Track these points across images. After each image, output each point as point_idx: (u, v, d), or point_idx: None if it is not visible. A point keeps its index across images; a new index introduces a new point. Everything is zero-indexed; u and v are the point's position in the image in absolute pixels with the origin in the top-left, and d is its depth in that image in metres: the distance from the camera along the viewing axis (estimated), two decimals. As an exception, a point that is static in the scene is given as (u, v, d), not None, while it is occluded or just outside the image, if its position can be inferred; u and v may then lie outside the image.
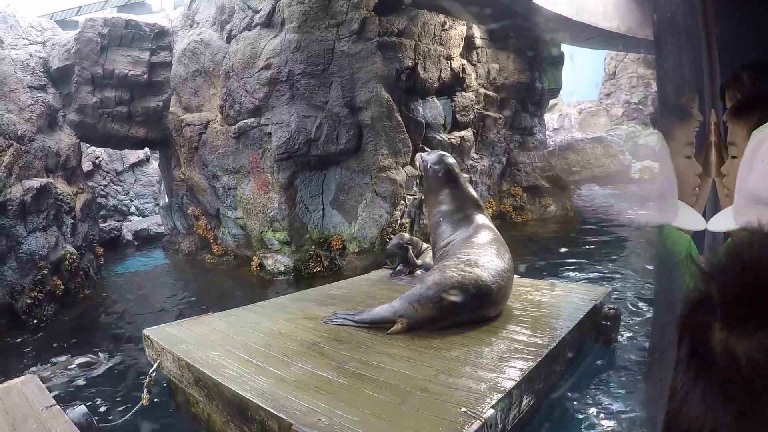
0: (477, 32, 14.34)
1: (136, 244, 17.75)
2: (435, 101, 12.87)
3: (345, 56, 10.71)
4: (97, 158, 18.79)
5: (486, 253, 4.85)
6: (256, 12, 11.18)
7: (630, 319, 6.66)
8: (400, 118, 11.30)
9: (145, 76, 12.90)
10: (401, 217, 11.23)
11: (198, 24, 12.95)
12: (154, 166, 20.30)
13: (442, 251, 5.29)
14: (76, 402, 4.91)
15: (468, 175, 12.85)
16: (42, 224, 9.90)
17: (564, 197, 15.88)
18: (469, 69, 14.00)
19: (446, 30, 12.76)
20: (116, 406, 5.48)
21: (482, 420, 2.80)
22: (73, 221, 10.94)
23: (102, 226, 15.88)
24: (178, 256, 14.64)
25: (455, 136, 13.27)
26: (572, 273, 9.54)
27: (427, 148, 11.96)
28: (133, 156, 19.98)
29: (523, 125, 16.36)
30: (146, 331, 4.73)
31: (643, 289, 7.85)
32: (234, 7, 11.72)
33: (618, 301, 6.75)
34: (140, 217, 19.68)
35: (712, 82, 2.62)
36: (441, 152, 6.32)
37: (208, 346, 4.30)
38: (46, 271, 9.64)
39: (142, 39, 12.92)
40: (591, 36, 14.69)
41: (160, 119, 13.55)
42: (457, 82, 13.49)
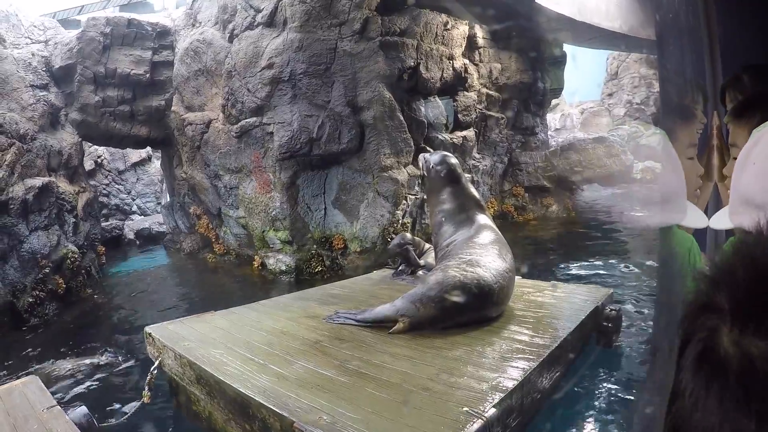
0: (479, 32, 14.34)
1: (137, 243, 17.75)
2: (437, 101, 12.87)
3: (347, 56, 10.71)
4: (99, 157, 18.82)
5: (488, 254, 4.86)
6: (259, 11, 11.18)
7: (631, 321, 6.66)
8: (402, 118, 11.30)
9: (148, 76, 12.91)
10: (403, 217, 11.23)
11: (200, 23, 12.95)
12: (156, 165, 20.32)
13: (444, 251, 5.30)
14: (77, 402, 4.92)
15: (470, 175, 12.85)
16: (44, 223, 9.92)
17: (566, 197, 15.86)
18: (471, 69, 13.99)
19: (448, 30, 12.75)
20: (117, 405, 5.48)
21: (484, 419, 2.80)
22: (75, 220, 10.96)
23: (104, 225, 15.90)
24: (180, 255, 14.65)
25: (457, 136, 13.27)
26: (574, 274, 9.53)
27: (429, 148, 11.96)
28: (135, 155, 20.00)
29: (525, 125, 16.36)
30: (148, 329, 4.74)
31: (645, 290, 7.84)
32: (236, 7, 11.72)
33: (619, 303, 6.75)
34: (142, 216, 19.70)
35: (714, 83, 2.62)
36: (444, 153, 6.33)
37: (209, 343, 4.30)
38: (48, 270, 9.67)
39: (145, 38, 12.93)
40: (593, 36, 14.67)
41: (162, 118, 13.56)
42: (459, 81, 13.49)
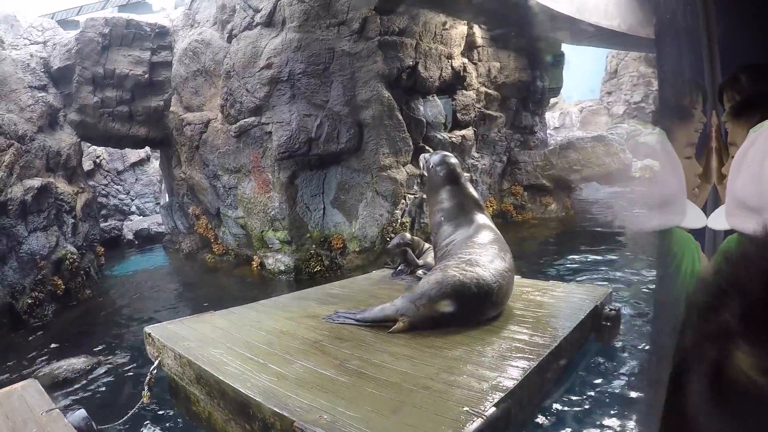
0: (478, 31, 14.33)
1: (136, 243, 17.75)
2: (436, 100, 12.88)
3: (346, 55, 10.71)
4: (97, 157, 18.81)
5: (487, 253, 4.87)
6: (257, 11, 11.18)
7: (630, 320, 6.66)
8: (400, 117, 11.30)
9: (146, 76, 12.91)
10: (402, 217, 11.24)
11: (199, 23, 12.95)
12: (155, 165, 20.31)
13: (444, 251, 5.31)
14: (76, 405, 4.92)
15: (469, 174, 12.85)
16: (43, 224, 9.91)
17: (565, 196, 15.88)
18: (470, 68, 14.00)
19: (447, 29, 12.76)
20: (117, 405, 5.49)
21: (484, 418, 2.81)
22: (73, 221, 10.95)
23: (103, 225, 15.90)
24: (179, 256, 14.65)
25: (456, 135, 13.28)
26: (573, 273, 9.54)
27: (428, 147, 11.97)
28: (133, 155, 19.98)
29: (524, 124, 16.37)
30: (147, 329, 4.74)
31: (644, 289, 7.85)
32: (235, 7, 11.72)
33: (618, 302, 6.75)
34: (141, 217, 19.69)
35: (713, 83, 2.62)
36: (444, 152, 6.35)
37: (209, 343, 4.30)
38: (47, 271, 9.66)
39: (143, 39, 12.93)
40: (592, 35, 14.68)
41: (160, 118, 13.56)
42: (458, 81, 13.50)
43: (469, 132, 13.76)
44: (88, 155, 17.51)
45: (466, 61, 13.79)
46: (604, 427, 4.30)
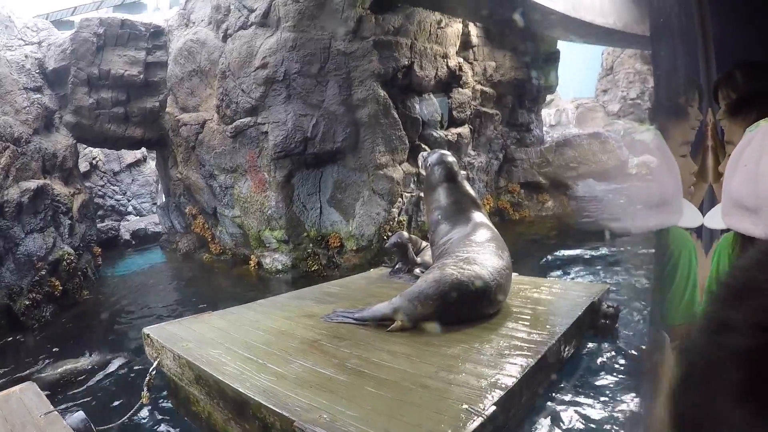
0: (473, 30, 14.33)
1: (133, 243, 17.72)
2: (431, 99, 12.87)
3: (341, 55, 10.70)
4: (94, 158, 18.74)
5: (484, 251, 4.89)
6: (252, 11, 11.17)
7: (628, 317, 6.68)
8: (396, 116, 11.31)
9: (141, 77, 12.87)
10: (399, 215, 11.24)
11: (194, 23, 12.92)
12: (151, 165, 20.26)
13: (441, 249, 5.33)
14: (75, 407, 4.92)
15: (465, 172, 12.86)
16: (39, 225, 9.88)
17: (561, 193, 15.90)
18: (466, 66, 14.00)
19: (442, 28, 12.76)
20: (116, 407, 5.49)
21: (484, 417, 2.82)
22: (70, 222, 10.92)
23: (100, 226, 15.85)
24: (176, 255, 14.63)
25: (452, 133, 13.28)
26: (570, 270, 9.56)
27: (424, 146, 11.98)
28: (130, 156, 19.92)
29: (520, 121, 16.38)
30: (146, 330, 4.74)
31: (641, 287, 7.87)
32: (229, 6, 11.70)
33: (616, 299, 6.77)
34: (138, 217, 19.63)
35: (708, 81, 2.63)
36: (442, 151, 6.38)
37: (208, 344, 4.31)
38: (44, 272, 9.63)
39: (138, 39, 12.89)
40: (587, 32, 14.70)
41: (156, 119, 13.52)
42: (454, 79, 13.49)
43: (465, 130, 13.77)
44: (85, 156, 17.44)
45: (461, 60, 13.79)
46: (602, 423, 4.32)
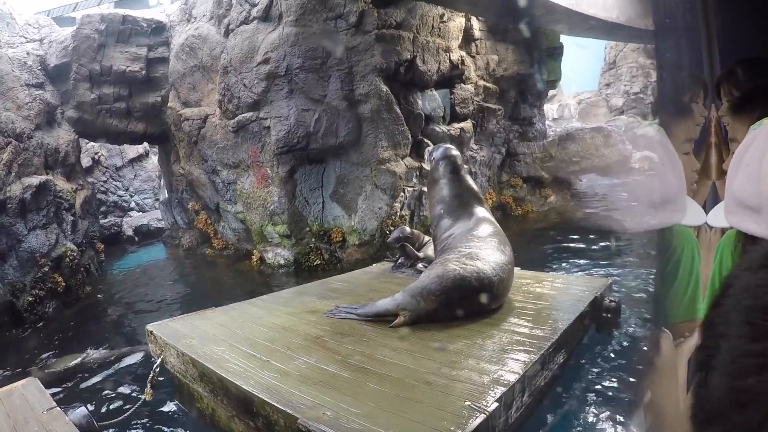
0: (476, 24, 14.28)
1: (136, 239, 17.75)
2: (434, 93, 12.84)
3: (343, 49, 10.68)
4: (96, 154, 18.76)
5: (487, 246, 4.89)
6: (254, 5, 11.14)
7: (631, 312, 6.68)
8: (399, 111, 11.29)
9: (143, 72, 12.86)
10: (401, 209, 11.24)
11: (195, 18, 12.89)
12: (154, 160, 20.28)
13: (444, 244, 5.34)
14: (77, 403, 4.93)
15: (467, 166, 12.84)
16: (42, 222, 9.91)
17: (564, 188, 15.88)
18: (468, 61, 13.95)
19: (445, 22, 12.71)
20: (119, 402, 5.51)
21: (487, 413, 2.82)
22: (73, 218, 10.94)
23: (102, 222, 15.87)
24: (179, 251, 14.66)
25: (454, 128, 13.25)
26: (573, 264, 9.55)
27: (427, 141, 11.98)
28: (132, 151, 19.95)
29: (523, 116, 16.33)
30: (149, 327, 4.75)
31: (644, 282, 7.86)
32: (231, 1, 11.67)
33: (619, 293, 6.77)
34: (140, 213, 19.67)
35: (711, 77, 2.62)
36: (447, 145, 6.37)
37: (211, 340, 4.32)
38: (47, 269, 9.66)
39: (140, 35, 12.86)
40: (590, 26, 14.63)
41: (158, 114, 13.52)
42: (456, 74, 13.45)
43: (467, 125, 13.74)
44: (87, 152, 17.45)
45: (464, 54, 13.74)
46: (604, 419, 4.32)
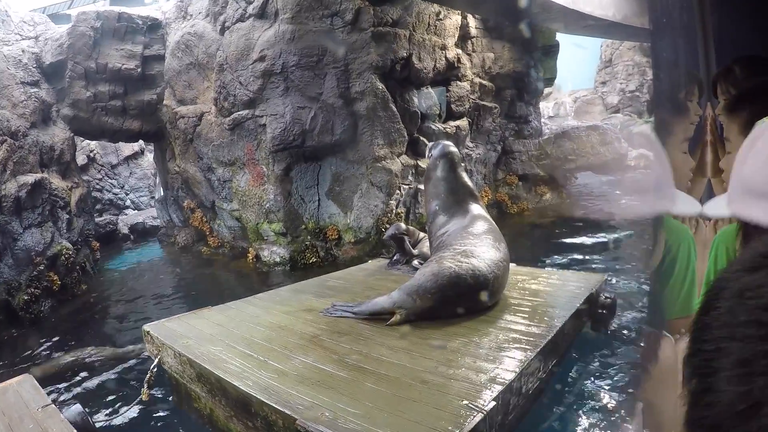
0: (472, 21, 14.27)
1: (132, 237, 17.71)
2: (430, 91, 12.83)
3: (339, 47, 10.65)
4: (91, 152, 18.68)
5: (482, 244, 4.90)
6: (250, 3, 11.09)
7: (626, 308, 6.70)
8: (395, 109, 11.29)
9: (139, 70, 12.80)
10: (397, 207, 11.25)
11: (191, 16, 12.84)
12: (149, 158, 20.21)
13: (439, 241, 5.35)
14: (72, 401, 4.92)
15: (463, 164, 12.83)
16: (37, 220, 9.87)
17: (560, 185, 15.89)
18: (464, 59, 13.94)
19: (441, 20, 12.70)
20: (114, 400, 5.50)
21: (484, 413, 2.83)
22: (68, 216, 10.91)
23: (98, 220, 15.81)
24: (175, 249, 14.62)
25: (450, 126, 13.25)
26: (568, 261, 9.57)
27: (423, 138, 11.99)
28: (127, 149, 19.86)
29: (519, 114, 16.34)
30: (146, 327, 4.74)
31: (639, 278, 7.89)
32: (227, -2, 11.64)
33: (614, 290, 6.79)
34: (136, 211, 19.60)
35: (708, 75, 2.62)
36: (445, 142, 6.39)
37: (208, 340, 4.31)
38: (43, 267, 9.62)
39: (135, 32, 12.80)
40: (586, 24, 14.63)
41: (154, 112, 13.47)
42: (452, 71, 13.44)
43: (463, 122, 13.74)
44: (82, 149, 17.38)
45: (460, 52, 13.73)
46: (600, 415, 4.34)
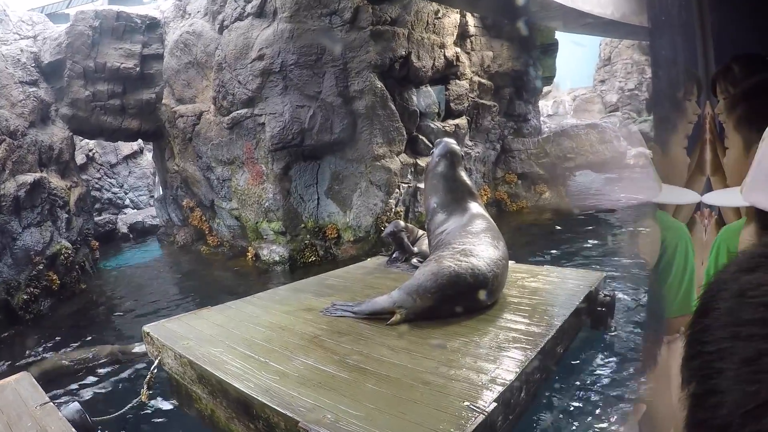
0: (471, 20, 14.25)
1: (131, 236, 17.69)
2: (429, 90, 12.82)
3: (338, 45, 10.64)
4: (90, 151, 18.64)
5: (481, 242, 4.90)
6: (248, 1, 11.07)
7: (625, 305, 6.71)
8: (394, 107, 11.28)
9: (137, 69, 12.76)
10: (396, 205, 11.25)
11: (189, 15, 12.81)
12: (148, 157, 20.17)
13: (438, 239, 5.35)
14: (70, 399, 4.91)
15: (463, 162, 12.82)
16: (36, 219, 9.87)
17: (559, 184, 15.88)
18: (463, 57, 13.93)
19: (440, 18, 12.69)
20: (113, 399, 5.49)
21: (485, 414, 2.83)
22: (67, 215, 10.90)
23: (97, 219, 15.81)
24: (174, 248, 14.62)
25: (449, 124, 13.24)
26: (567, 258, 9.56)
27: (422, 137, 11.99)
28: (126, 148, 19.82)
29: (518, 112, 16.33)
30: (146, 328, 4.73)
31: (638, 276, 7.89)
32: (225, -3, 11.61)
33: (613, 287, 6.79)
34: (135, 210, 19.57)
35: (707, 74, 2.62)
36: (447, 140, 6.35)
37: (208, 341, 4.30)
38: (42, 267, 9.62)
39: (134, 31, 12.77)
40: (585, 23, 14.62)
41: (153, 111, 13.44)
42: (451, 70, 13.43)
43: (462, 121, 13.73)
44: (81, 149, 17.35)
45: (459, 50, 13.72)
46: (600, 414, 4.34)
